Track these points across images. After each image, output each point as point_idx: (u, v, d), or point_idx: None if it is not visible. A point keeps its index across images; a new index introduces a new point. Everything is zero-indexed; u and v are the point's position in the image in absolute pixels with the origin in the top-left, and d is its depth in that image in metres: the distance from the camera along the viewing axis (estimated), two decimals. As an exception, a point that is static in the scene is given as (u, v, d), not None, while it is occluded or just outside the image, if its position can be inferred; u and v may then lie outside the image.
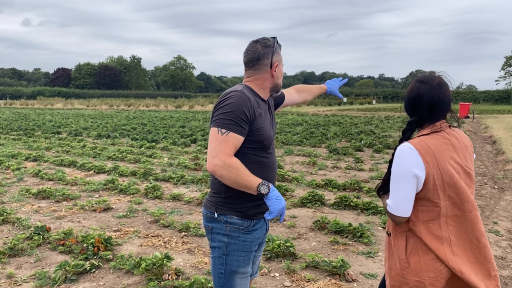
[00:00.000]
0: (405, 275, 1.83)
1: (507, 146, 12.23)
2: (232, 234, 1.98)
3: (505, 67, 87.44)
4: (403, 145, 1.83)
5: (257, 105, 1.97)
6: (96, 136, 14.81)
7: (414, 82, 1.93)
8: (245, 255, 2.01)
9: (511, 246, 4.49)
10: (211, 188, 2.07)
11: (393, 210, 1.82)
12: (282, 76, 2.10)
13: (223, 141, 1.85)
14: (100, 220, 5.20)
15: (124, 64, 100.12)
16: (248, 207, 1.98)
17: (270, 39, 2.04)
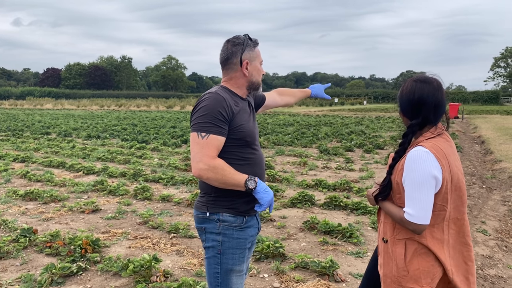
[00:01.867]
0: (403, 282, 1.80)
1: (495, 146, 12.37)
2: (225, 232, 1.98)
3: (494, 68, 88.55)
4: (417, 149, 1.75)
5: (235, 103, 1.96)
6: (86, 136, 14.68)
7: (414, 83, 1.84)
8: (240, 253, 2.00)
9: (498, 246, 4.53)
10: (200, 189, 2.06)
11: (416, 219, 1.72)
12: (259, 73, 2.07)
13: (205, 144, 1.86)
14: (88, 221, 5.14)
15: (114, 64, 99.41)
16: (239, 204, 1.97)
17: (240, 37, 2.01)
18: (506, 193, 6.97)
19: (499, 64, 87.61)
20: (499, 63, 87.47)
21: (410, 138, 1.84)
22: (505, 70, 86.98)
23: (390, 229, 1.87)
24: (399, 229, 1.84)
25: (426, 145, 1.76)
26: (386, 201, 1.87)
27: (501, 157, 10.08)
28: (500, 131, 17.46)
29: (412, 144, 1.85)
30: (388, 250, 1.87)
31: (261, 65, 2.09)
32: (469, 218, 5.42)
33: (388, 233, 1.88)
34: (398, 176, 1.81)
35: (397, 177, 1.82)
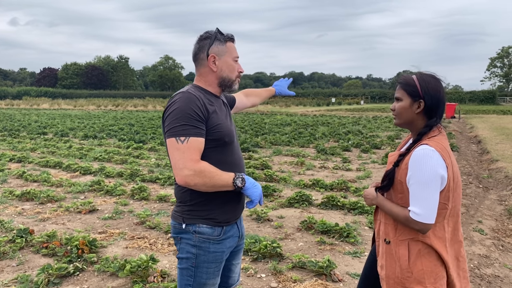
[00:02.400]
0: (407, 284, 1.79)
1: (492, 145, 12.41)
2: (201, 245, 1.86)
3: (490, 68, 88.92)
4: (424, 148, 1.73)
5: (209, 102, 1.86)
6: (83, 136, 14.64)
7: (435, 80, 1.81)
8: (215, 267, 1.90)
9: (495, 245, 4.55)
10: (176, 198, 1.95)
11: (422, 218, 1.70)
12: (232, 69, 1.93)
13: (186, 149, 1.73)
14: (85, 222, 5.12)
15: (111, 64, 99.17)
16: (217, 213, 1.87)
17: (210, 31, 1.92)
18: (502, 192, 6.99)
19: (495, 64, 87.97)
20: (495, 63, 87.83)
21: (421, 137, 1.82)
22: (501, 70, 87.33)
23: (392, 230, 1.85)
24: (401, 230, 1.82)
25: (431, 143, 1.76)
26: (387, 201, 1.86)
27: (498, 157, 10.12)
28: (497, 130, 17.52)
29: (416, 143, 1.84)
30: (391, 251, 1.85)
31: (236, 61, 1.95)
32: (465, 217, 5.44)
33: (390, 234, 1.86)
34: (402, 175, 1.80)
35: (401, 176, 1.80)
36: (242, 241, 2.09)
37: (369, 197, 1.97)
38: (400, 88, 1.87)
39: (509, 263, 4.12)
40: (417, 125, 1.86)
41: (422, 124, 1.85)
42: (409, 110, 1.84)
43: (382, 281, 1.89)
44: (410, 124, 1.88)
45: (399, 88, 1.88)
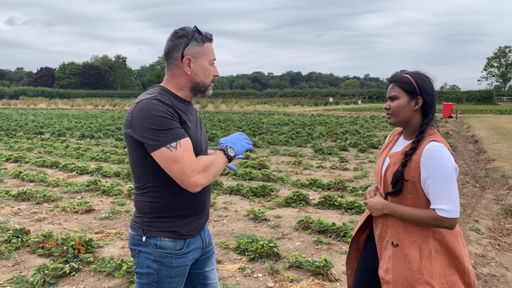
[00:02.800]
0: (416, 285, 1.77)
1: (489, 145, 12.45)
2: (163, 260, 1.72)
3: (487, 67, 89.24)
4: (434, 145, 1.74)
5: (178, 109, 1.68)
6: (80, 136, 14.60)
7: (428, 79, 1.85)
8: (178, 281, 1.77)
9: (491, 244, 4.56)
10: (135, 208, 1.78)
11: (452, 214, 1.70)
12: (207, 73, 1.75)
13: (183, 154, 1.58)
14: (81, 222, 5.11)
15: (108, 64, 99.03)
16: (181, 225, 1.73)
17: (187, 28, 1.73)
18: (499, 192, 7.01)
19: (492, 64, 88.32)
20: (492, 62, 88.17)
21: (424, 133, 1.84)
22: (498, 70, 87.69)
23: (402, 232, 1.82)
24: (412, 231, 1.80)
25: (438, 140, 1.78)
26: (402, 206, 1.81)
27: (494, 156, 10.15)
28: (493, 130, 17.58)
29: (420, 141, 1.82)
30: (400, 254, 1.81)
31: (212, 64, 1.77)
32: (462, 217, 5.45)
33: (400, 236, 1.82)
34: (414, 175, 1.77)
35: (412, 176, 1.77)
36: (210, 247, 1.97)
37: (378, 207, 1.87)
38: (395, 87, 1.86)
39: (506, 262, 4.13)
40: (414, 123, 1.87)
41: (419, 121, 1.86)
42: (407, 108, 1.84)
43: (387, 285, 1.84)
44: (406, 122, 1.87)
45: (394, 86, 1.87)
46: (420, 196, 1.79)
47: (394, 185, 1.81)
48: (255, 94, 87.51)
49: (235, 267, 3.72)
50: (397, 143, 1.97)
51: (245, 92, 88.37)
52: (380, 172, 1.95)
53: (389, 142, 2.04)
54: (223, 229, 4.83)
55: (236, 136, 1.83)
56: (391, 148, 1.98)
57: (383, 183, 1.90)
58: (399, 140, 1.98)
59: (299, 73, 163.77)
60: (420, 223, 1.78)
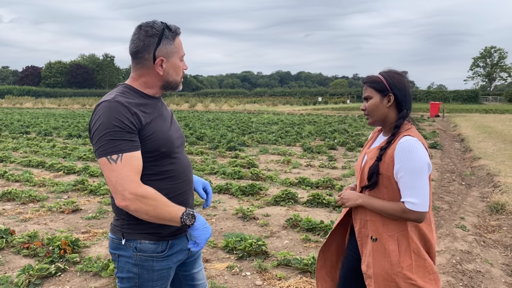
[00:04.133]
0: (397, 279, 1.79)
1: (474, 144, 12.63)
2: (143, 264, 1.65)
3: (473, 67, 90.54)
4: (407, 139, 1.78)
5: (142, 109, 1.61)
6: (67, 136, 14.42)
7: (400, 76, 1.90)
8: (161, 284, 1.71)
9: (476, 241, 4.62)
10: (113, 211, 1.72)
11: (419, 207, 1.74)
12: (178, 71, 1.70)
13: (121, 168, 1.50)
14: (68, 222, 5.05)
15: (96, 63, 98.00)
16: (161, 227, 1.64)
17: (156, 26, 1.62)
18: (484, 189, 7.12)
19: (478, 64, 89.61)
20: (478, 63, 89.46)
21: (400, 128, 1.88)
22: (484, 70, 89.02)
23: (381, 226, 1.85)
24: (390, 225, 1.83)
25: (413, 134, 1.81)
26: (374, 199, 1.85)
27: (480, 155, 10.30)
28: (479, 129, 17.84)
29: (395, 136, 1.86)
30: (379, 248, 1.84)
31: (182, 59, 1.71)
32: (449, 214, 5.52)
33: (379, 230, 1.85)
34: (388, 169, 1.80)
35: (386, 170, 1.80)
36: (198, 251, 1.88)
37: (352, 197, 1.92)
38: (367, 87, 1.92)
39: (490, 259, 4.20)
40: (390, 119, 1.91)
41: (395, 117, 1.91)
42: (380, 106, 1.89)
43: (368, 279, 1.88)
44: (383, 119, 1.92)
45: (366, 87, 1.93)
46: (395, 189, 1.82)
47: (369, 178, 1.86)
48: (245, 93, 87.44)
49: (223, 266, 3.71)
50: (376, 140, 2.02)
51: (235, 91, 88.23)
52: (359, 168, 1.99)
53: (370, 139, 2.09)
54: (212, 228, 4.81)
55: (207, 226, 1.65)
56: (371, 144, 2.03)
57: (360, 178, 1.94)
58: (378, 137, 2.02)
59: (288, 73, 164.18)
60: (390, 216, 1.82)
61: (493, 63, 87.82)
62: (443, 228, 4.87)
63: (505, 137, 14.42)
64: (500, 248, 4.56)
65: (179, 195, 1.71)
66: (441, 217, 5.34)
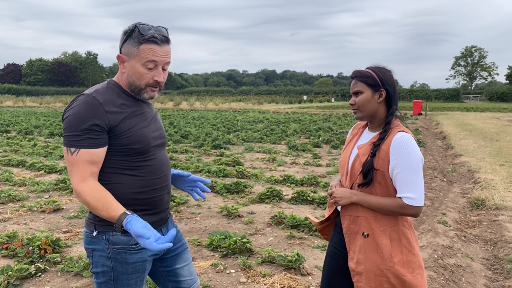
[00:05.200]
0: (388, 274, 1.79)
1: (456, 141, 12.86)
2: (117, 256, 1.64)
3: (455, 66, 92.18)
4: (403, 135, 1.78)
5: (120, 105, 1.64)
6: (49, 134, 14.15)
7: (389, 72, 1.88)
8: (137, 277, 1.70)
9: (458, 236, 4.70)
10: None
11: (417, 202, 1.75)
12: (139, 76, 1.64)
13: (74, 162, 1.56)
14: (49, 221, 4.95)
15: (79, 60, 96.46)
16: None
17: (134, 25, 1.63)
18: (465, 185, 7.25)
19: (459, 63, 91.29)
20: (459, 62, 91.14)
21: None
22: (465, 69, 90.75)
23: (373, 221, 1.83)
24: (382, 220, 1.82)
25: (405, 130, 1.82)
26: (370, 195, 1.83)
27: (461, 152, 10.49)
28: (461, 127, 18.18)
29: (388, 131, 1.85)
30: (371, 243, 1.83)
31: (149, 68, 1.63)
32: (431, 210, 5.61)
33: (371, 226, 1.83)
34: (383, 165, 1.79)
35: (381, 166, 1.79)
36: (179, 244, 1.90)
37: (346, 195, 1.87)
38: (358, 82, 1.88)
39: (471, 253, 4.28)
40: (379, 115, 1.90)
41: (384, 113, 1.90)
42: (371, 101, 1.87)
43: (357, 276, 1.86)
44: (372, 115, 1.89)
45: (357, 82, 1.89)
46: (389, 185, 1.81)
47: (365, 175, 1.82)
48: (230, 91, 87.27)
49: (208, 264, 3.69)
50: (362, 136, 1.98)
51: (220, 89, 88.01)
52: (346, 164, 1.95)
53: (354, 135, 2.04)
54: (196, 226, 4.78)
55: (146, 231, 1.49)
56: (357, 140, 1.99)
57: (350, 174, 1.91)
58: (364, 133, 1.99)
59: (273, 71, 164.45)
60: (387, 212, 1.81)
61: (474, 62, 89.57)
62: (425, 224, 4.94)
63: (485, 134, 14.73)
64: (480, 243, 4.65)
65: (152, 190, 1.71)
66: (423, 213, 5.41)
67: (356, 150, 1.93)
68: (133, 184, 1.65)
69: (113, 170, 1.64)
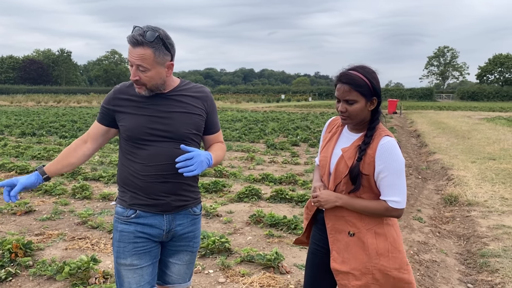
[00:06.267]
0: (374, 271, 1.80)
1: (430, 139, 13.17)
2: (115, 223, 1.99)
3: (428, 66, 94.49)
4: (389, 139, 1.78)
5: (127, 94, 1.93)
6: (20, 134, 13.70)
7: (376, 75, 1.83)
8: (124, 246, 1.92)
9: (432, 232, 4.81)
10: None
11: (401, 205, 1.78)
12: (131, 74, 1.84)
13: None
14: (20, 224, 4.79)
15: (51, 58, 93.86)
16: (127, 197, 1.94)
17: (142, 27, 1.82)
18: (439, 182, 7.43)
19: (432, 63, 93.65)
20: (432, 61, 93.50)
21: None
22: (438, 69, 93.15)
23: (358, 221, 1.83)
24: (367, 219, 1.83)
25: (389, 135, 1.82)
26: (355, 199, 1.82)
27: (435, 149, 10.75)
28: (434, 125, 18.64)
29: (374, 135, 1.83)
30: (357, 242, 1.83)
31: (131, 66, 1.82)
32: (406, 207, 5.71)
33: (357, 225, 1.83)
34: (368, 169, 1.78)
35: (367, 170, 1.79)
36: (183, 243, 2.02)
37: (331, 199, 1.84)
38: (352, 90, 1.78)
39: (445, 248, 4.38)
40: (365, 119, 1.86)
41: (369, 117, 1.86)
42: (364, 110, 1.81)
43: (341, 275, 1.85)
44: (361, 121, 1.86)
45: (350, 90, 1.78)
46: (374, 188, 1.82)
47: (353, 181, 1.81)
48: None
49: (186, 264, 3.64)
50: (343, 136, 1.95)
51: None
52: (328, 165, 1.92)
53: (333, 134, 1.99)
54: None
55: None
56: (337, 140, 1.95)
57: (334, 176, 1.88)
58: (344, 133, 1.95)
59: (251, 70, 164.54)
60: (371, 214, 1.82)
61: (446, 62, 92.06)
62: (401, 221, 5.03)
63: (458, 132, 15.14)
64: (454, 238, 4.77)
65: (145, 176, 1.89)
66: (399, 209, 5.51)
67: (339, 151, 1.90)
68: (128, 166, 1.92)
69: (121, 152, 1.97)
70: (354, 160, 1.81)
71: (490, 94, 67.61)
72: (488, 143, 11.72)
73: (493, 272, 3.67)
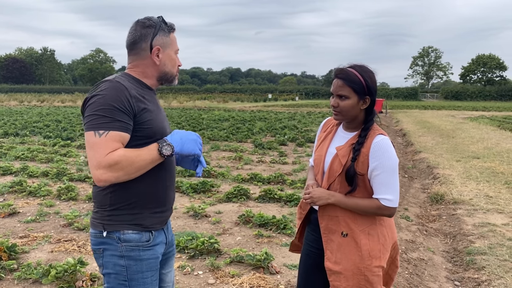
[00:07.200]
0: (366, 272, 1.80)
1: (415, 138, 13.33)
2: (130, 254, 1.62)
3: (413, 66, 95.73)
4: (383, 138, 1.79)
5: (140, 94, 1.65)
6: (2, 134, 13.43)
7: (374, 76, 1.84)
8: (151, 275, 1.67)
9: (419, 230, 4.86)
10: (94, 202, 1.69)
11: (394, 203, 1.78)
12: (174, 63, 1.77)
13: (104, 143, 1.50)
14: (4, 226, 4.68)
15: (34, 57, 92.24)
16: (144, 217, 1.64)
17: (153, 19, 1.71)
18: (425, 181, 7.52)
19: (417, 63, 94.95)
20: (417, 61, 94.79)
21: None
22: (422, 69, 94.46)
23: (352, 221, 1.83)
24: (361, 220, 1.83)
25: (383, 133, 1.83)
26: (348, 197, 1.82)
27: (420, 148, 10.89)
28: (419, 124, 18.88)
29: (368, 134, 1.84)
30: (350, 243, 1.82)
31: (177, 54, 1.79)
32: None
33: (350, 225, 1.83)
34: (362, 167, 1.79)
35: (361, 168, 1.79)
36: (171, 248, 1.91)
37: (324, 196, 1.84)
38: (345, 86, 1.80)
39: (432, 247, 4.43)
40: (359, 119, 1.87)
41: (363, 116, 1.87)
42: (356, 107, 1.83)
43: (335, 275, 1.85)
44: (353, 119, 1.87)
45: (344, 85, 1.81)
46: (367, 187, 1.83)
47: (350, 182, 1.81)
48: (195, 89, 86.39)
49: (175, 266, 3.61)
50: (337, 135, 1.95)
51: (184, 87, 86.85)
52: (322, 163, 1.92)
53: (328, 133, 2.00)
54: (162, 227, 4.67)
55: (185, 135, 1.67)
56: (331, 139, 1.96)
57: (328, 175, 1.88)
58: (339, 132, 1.96)
59: (238, 69, 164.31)
60: (363, 212, 1.82)
61: (430, 62, 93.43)
62: (389, 219, 5.08)
63: (442, 131, 15.37)
64: (440, 236, 4.83)
65: (160, 186, 1.71)
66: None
67: (333, 150, 1.90)
68: (149, 176, 1.63)
69: None
70: (348, 159, 1.81)
71: (473, 93, 68.93)
72: (472, 142, 11.92)
73: (479, 270, 3.73)
